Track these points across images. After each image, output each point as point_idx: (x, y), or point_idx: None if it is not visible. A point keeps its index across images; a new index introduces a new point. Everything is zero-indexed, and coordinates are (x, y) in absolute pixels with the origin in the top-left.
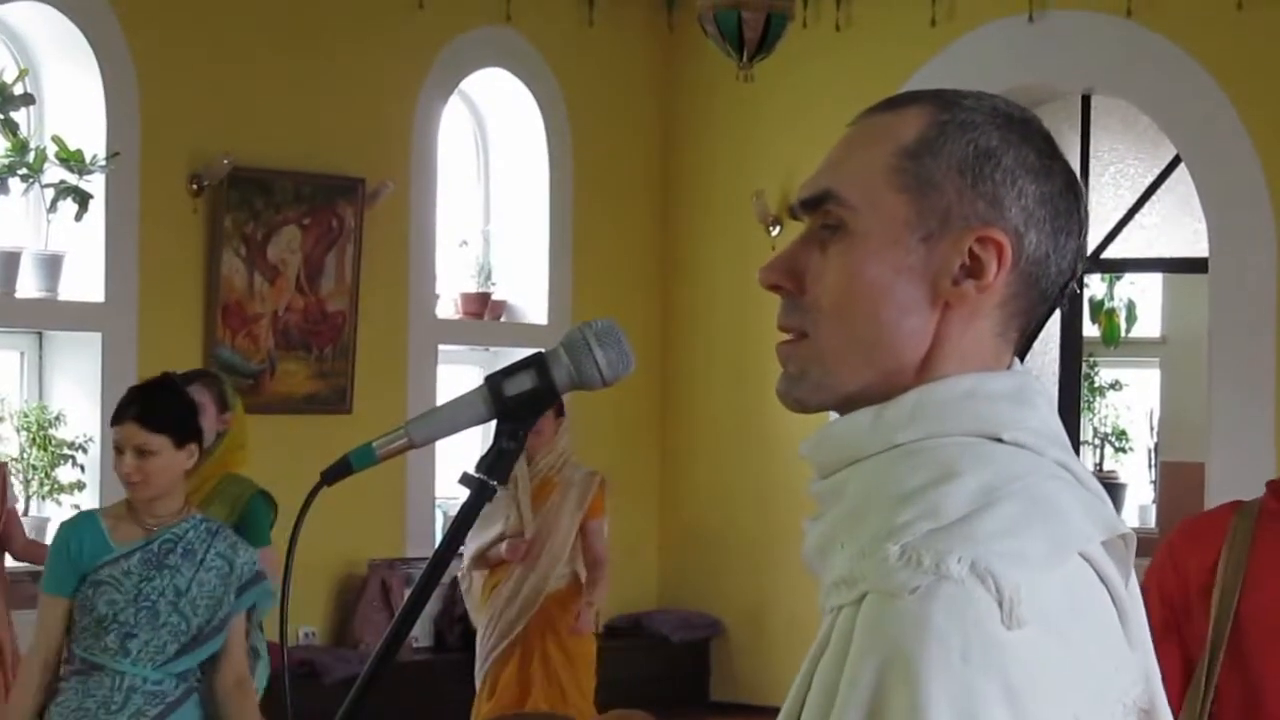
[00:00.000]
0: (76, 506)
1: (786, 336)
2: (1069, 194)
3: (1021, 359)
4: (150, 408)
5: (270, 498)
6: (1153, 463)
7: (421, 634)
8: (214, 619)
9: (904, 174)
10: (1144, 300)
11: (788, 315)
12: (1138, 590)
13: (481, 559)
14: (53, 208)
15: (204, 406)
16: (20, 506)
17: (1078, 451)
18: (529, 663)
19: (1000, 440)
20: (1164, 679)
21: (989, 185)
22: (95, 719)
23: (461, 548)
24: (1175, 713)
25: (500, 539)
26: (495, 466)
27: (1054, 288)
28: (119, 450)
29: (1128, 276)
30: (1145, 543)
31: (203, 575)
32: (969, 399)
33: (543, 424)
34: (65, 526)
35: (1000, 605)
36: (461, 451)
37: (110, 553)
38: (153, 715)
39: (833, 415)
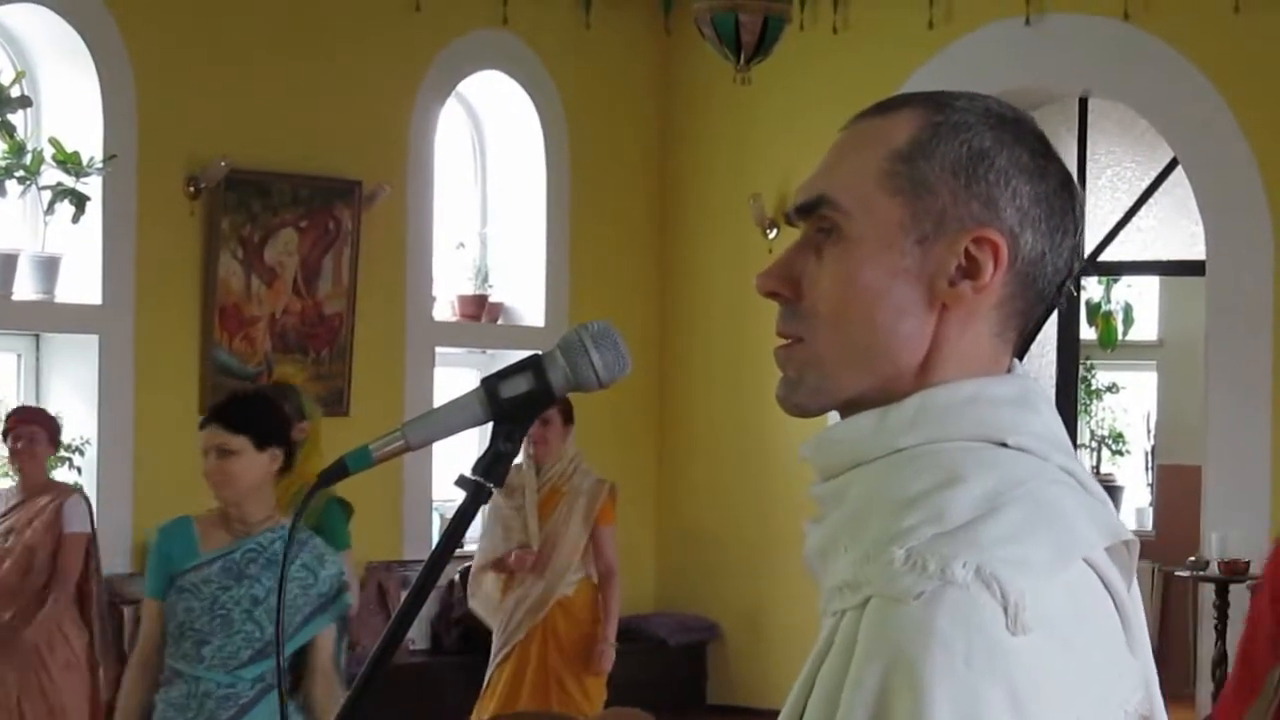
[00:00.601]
0: None
1: (784, 341)
2: (1064, 193)
3: (1019, 361)
4: (232, 410)
5: (345, 503)
6: (1149, 465)
7: (418, 636)
8: (287, 627)
9: (897, 177)
10: (1141, 303)
11: (786, 322)
12: (1139, 596)
13: (497, 564)
14: (50, 210)
15: None
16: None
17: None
18: (524, 668)
19: (1004, 445)
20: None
21: (983, 186)
22: None
23: (462, 550)
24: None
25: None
26: (491, 469)
27: (1051, 288)
28: (205, 453)
29: (1125, 279)
30: (1142, 545)
31: (277, 583)
32: (972, 404)
33: (550, 433)
34: (161, 530)
35: (1005, 611)
36: (459, 453)
37: (195, 559)
38: (226, 718)
39: (833, 417)
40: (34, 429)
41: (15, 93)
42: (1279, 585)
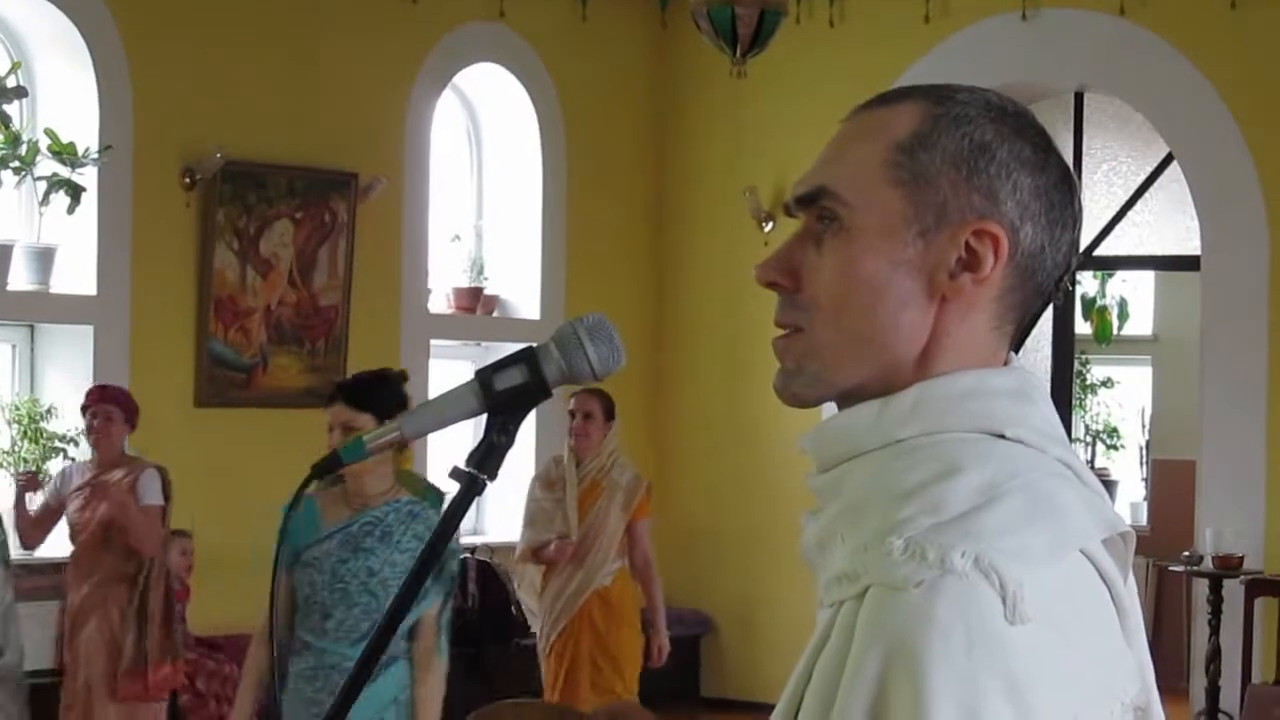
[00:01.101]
0: None
1: (782, 332)
2: (1064, 187)
3: (1016, 354)
4: (357, 388)
5: (440, 492)
6: (1144, 460)
7: None
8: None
9: (899, 168)
10: (1136, 298)
11: (785, 312)
12: (1135, 589)
13: (535, 555)
14: (45, 201)
15: None
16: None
17: None
18: (578, 666)
19: (1002, 437)
20: None
21: (984, 179)
22: (305, 698)
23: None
24: None
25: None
26: (485, 460)
27: (1049, 281)
28: (330, 429)
29: (1120, 274)
30: (1137, 540)
31: (396, 556)
32: (970, 396)
33: (592, 427)
34: (286, 507)
35: (1004, 601)
36: (455, 445)
37: (318, 534)
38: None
39: (828, 409)
40: (110, 408)
41: (11, 83)
42: None
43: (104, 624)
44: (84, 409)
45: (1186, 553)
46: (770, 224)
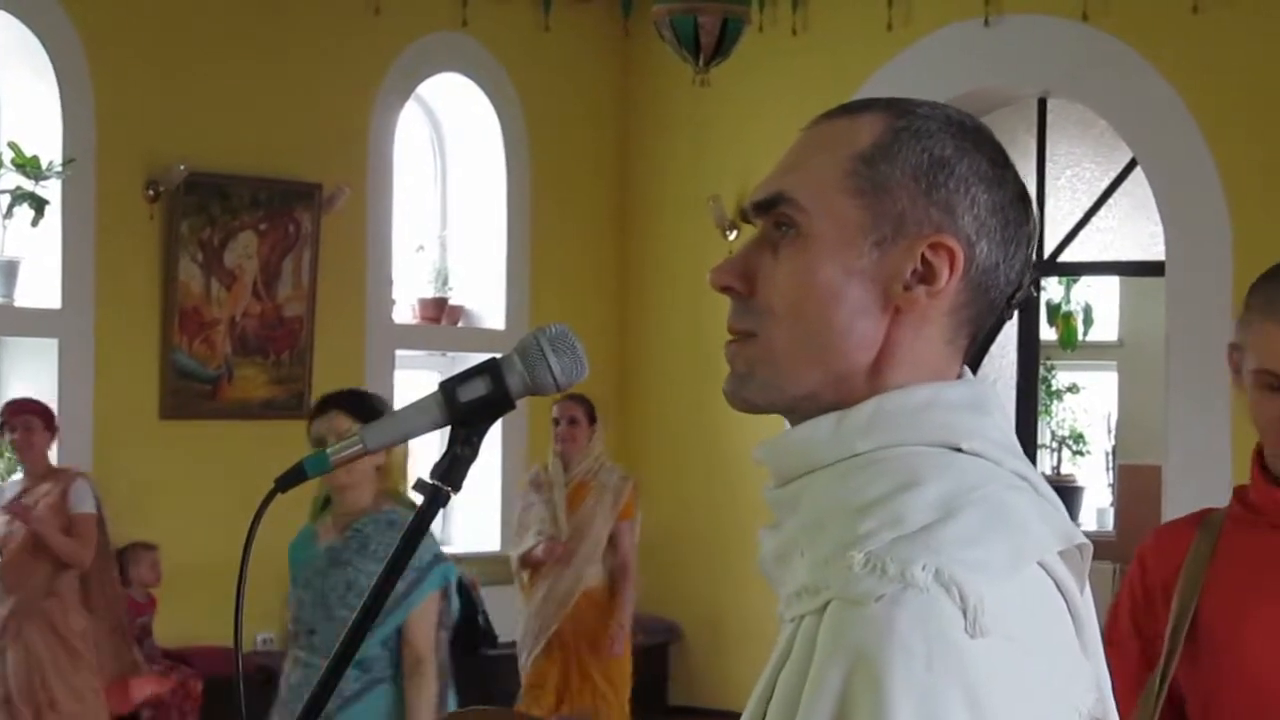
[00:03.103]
0: None
1: (734, 337)
2: (1020, 204)
3: (977, 364)
4: (349, 401)
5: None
6: (1110, 466)
7: None
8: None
9: (859, 179)
10: (1101, 303)
11: (738, 317)
12: (1091, 599)
13: (523, 561)
14: (8, 213)
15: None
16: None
17: (1035, 455)
18: (569, 669)
19: (959, 450)
20: (1120, 676)
21: (943, 193)
22: (294, 711)
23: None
24: (1124, 713)
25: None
26: (449, 472)
27: (1002, 298)
28: (322, 443)
29: (1084, 280)
30: (1104, 545)
31: (373, 567)
32: (928, 408)
33: (577, 431)
34: (291, 544)
35: (964, 614)
36: (423, 455)
37: (313, 554)
38: (332, 708)
39: (778, 419)
40: (29, 418)
41: None
42: (1132, 572)
43: (30, 639)
44: (1, 425)
45: None
46: (734, 232)
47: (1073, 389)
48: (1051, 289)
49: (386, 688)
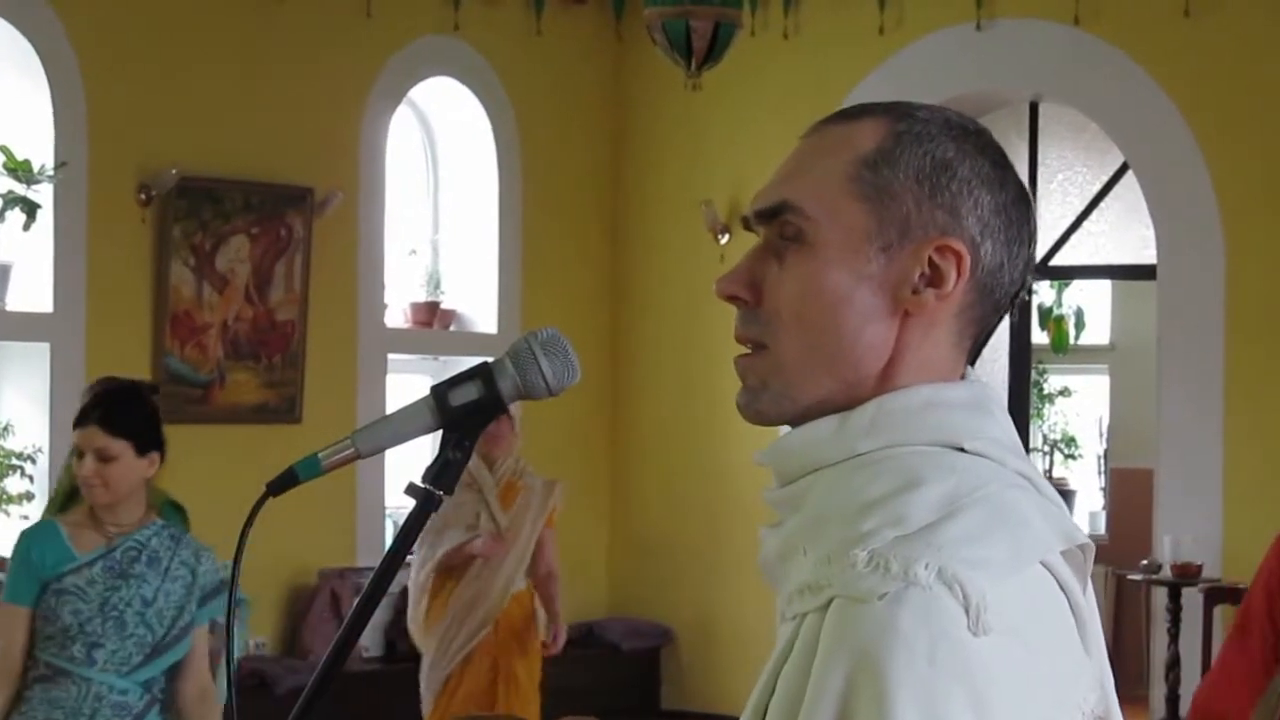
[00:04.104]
0: (25, 518)
1: (744, 350)
2: (1021, 204)
3: (972, 367)
4: (113, 412)
5: (180, 507)
6: (1102, 469)
7: (372, 644)
8: (174, 628)
9: (863, 184)
10: (1093, 307)
11: (746, 326)
12: (1094, 599)
13: (451, 558)
14: (0, 218)
15: None
16: None
17: None
18: (497, 672)
19: (961, 450)
20: (1243, 661)
21: (947, 196)
22: None
23: (410, 558)
24: (1239, 698)
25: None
26: (441, 476)
27: (1006, 298)
28: (79, 454)
29: (1076, 283)
30: (1095, 550)
31: (168, 585)
32: (929, 408)
33: (501, 429)
34: (24, 535)
35: (967, 612)
36: (413, 460)
37: (73, 561)
38: None
39: (784, 428)
40: None
41: None
42: (1272, 580)
43: None
44: None
45: (1145, 561)
46: (726, 236)
47: (1064, 392)
48: (1043, 292)
49: (160, 704)
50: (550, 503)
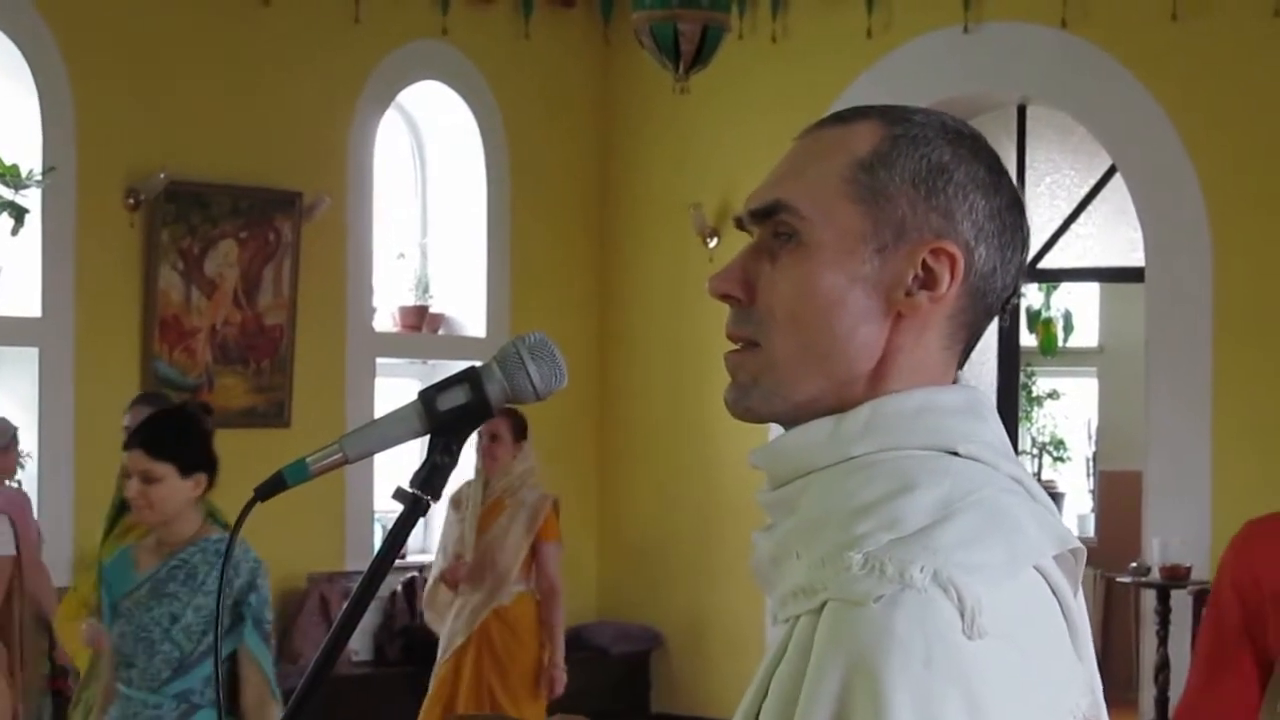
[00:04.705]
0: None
1: (735, 347)
2: (1015, 209)
3: (960, 370)
4: (156, 436)
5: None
6: (1091, 472)
7: (361, 647)
8: (202, 643)
9: (858, 185)
10: (1081, 310)
11: (738, 324)
12: (1084, 604)
13: (442, 581)
14: None
15: None
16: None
17: None
18: (460, 672)
19: (955, 454)
20: (1237, 692)
21: (942, 199)
22: None
23: (402, 560)
24: (1253, 713)
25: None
26: (428, 481)
27: (998, 302)
28: (126, 475)
29: (1064, 286)
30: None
31: (200, 600)
32: (923, 413)
33: (499, 449)
34: (101, 562)
35: (962, 615)
36: (402, 464)
37: (132, 582)
38: None
39: (775, 428)
40: None
41: None
42: (1241, 574)
43: None
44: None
45: (1134, 564)
46: (715, 239)
47: (1053, 395)
48: (1031, 295)
49: (207, 712)
50: (540, 517)
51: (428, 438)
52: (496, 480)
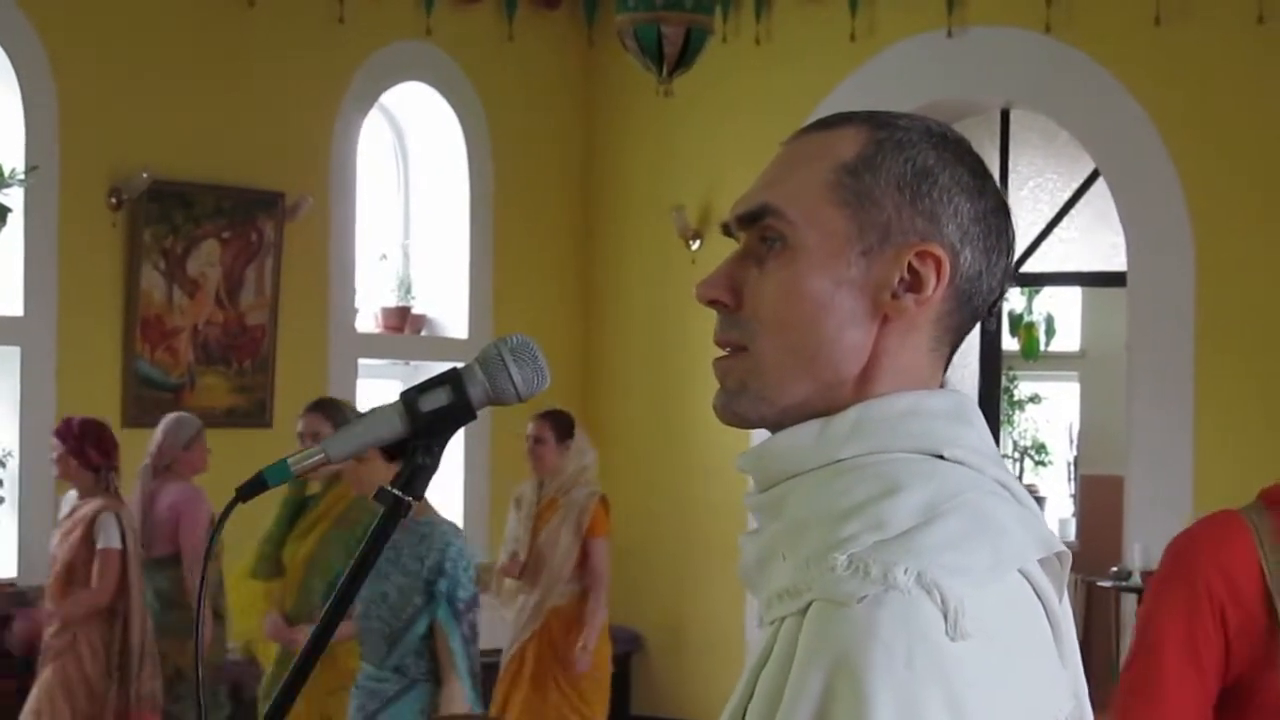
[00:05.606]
0: None
1: (722, 352)
2: (1000, 214)
3: (943, 373)
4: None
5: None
6: (1072, 476)
7: None
8: (402, 615)
9: (844, 189)
10: (1063, 314)
11: (726, 330)
12: (1069, 608)
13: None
14: None
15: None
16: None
17: None
18: (523, 668)
19: (940, 457)
20: (1193, 700)
21: (927, 202)
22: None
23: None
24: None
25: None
26: (410, 482)
27: (984, 306)
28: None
29: (1047, 290)
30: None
31: (398, 578)
32: (909, 416)
33: (544, 450)
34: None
35: (945, 617)
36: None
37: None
38: (372, 709)
39: (761, 433)
40: (58, 441)
41: None
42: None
43: (67, 667)
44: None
45: (1115, 568)
46: (698, 242)
47: (1034, 399)
48: (1013, 299)
49: (422, 685)
50: (588, 515)
51: (410, 439)
52: (550, 481)
